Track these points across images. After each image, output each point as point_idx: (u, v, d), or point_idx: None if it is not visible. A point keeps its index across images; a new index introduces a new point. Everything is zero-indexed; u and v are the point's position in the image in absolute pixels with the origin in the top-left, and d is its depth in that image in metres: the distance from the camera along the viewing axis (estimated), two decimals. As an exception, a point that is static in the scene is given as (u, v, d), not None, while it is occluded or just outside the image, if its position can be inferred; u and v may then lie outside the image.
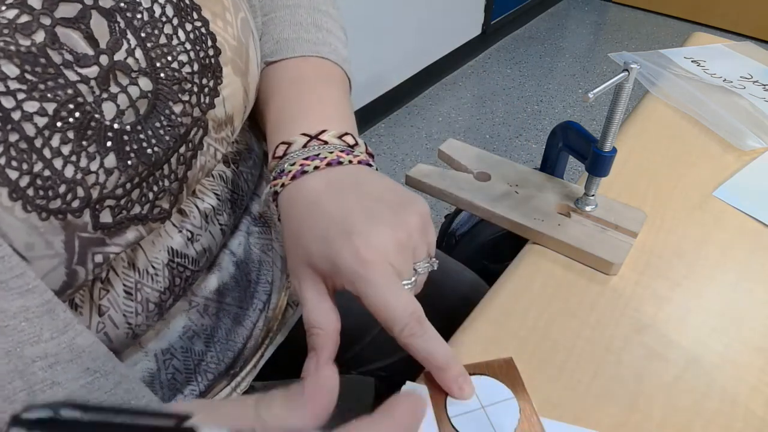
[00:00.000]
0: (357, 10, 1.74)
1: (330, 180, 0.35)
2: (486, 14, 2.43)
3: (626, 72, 0.38)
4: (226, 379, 0.47)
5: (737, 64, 0.71)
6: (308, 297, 0.34)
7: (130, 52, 0.30)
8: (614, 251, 0.43)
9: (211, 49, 0.35)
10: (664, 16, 2.87)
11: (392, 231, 0.33)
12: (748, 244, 0.46)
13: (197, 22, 0.34)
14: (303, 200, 0.35)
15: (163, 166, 0.33)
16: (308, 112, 0.40)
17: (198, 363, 0.42)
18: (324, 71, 0.44)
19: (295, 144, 0.37)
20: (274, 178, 0.37)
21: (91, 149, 0.28)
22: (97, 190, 0.28)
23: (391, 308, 0.31)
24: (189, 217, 0.38)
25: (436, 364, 0.32)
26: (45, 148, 0.26)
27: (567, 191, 0.48)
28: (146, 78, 0.31)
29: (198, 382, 0.42)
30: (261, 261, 0.48)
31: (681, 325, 0.39)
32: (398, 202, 0.35)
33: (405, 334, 0.31)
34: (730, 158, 0.55)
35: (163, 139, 0.32)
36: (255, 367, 0.50)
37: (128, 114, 0.30)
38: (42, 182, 0.26)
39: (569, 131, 0.47)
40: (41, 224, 0.26)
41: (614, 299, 0.41)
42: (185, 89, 0.33)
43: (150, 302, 0.35)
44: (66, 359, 0.27)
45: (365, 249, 0.31)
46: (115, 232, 0.30)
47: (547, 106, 2.16)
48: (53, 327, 0.26)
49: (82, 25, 0.28)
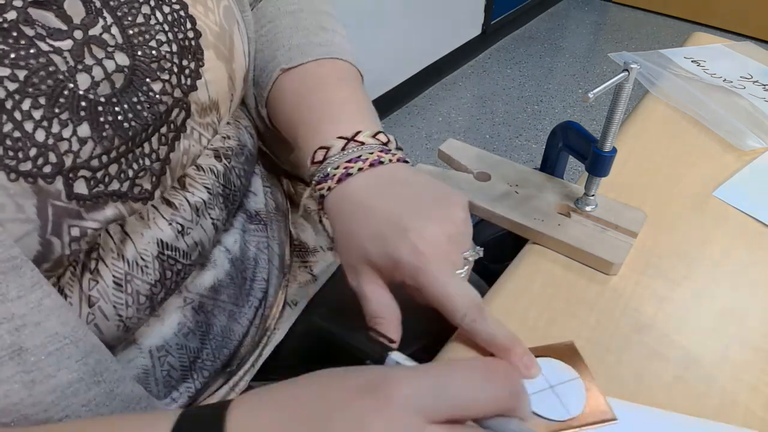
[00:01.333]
0: (357, 10, 1.74)
1: (374, 180, 0.38)
2: (486, 14, 2.43)
3: (626, 72, 0.38)
4: (223, 377, 0.47)
5: (737, 64, 0.71)
6: (368, 290, 0.36)
7: (105, 29, 0.31)
8: (614, 251, 0.43)
9: (190, 32, 0.36)
10: (664, 16, 2.87)
11: (442, 225, 0.35)
12: (748, 244, 0.46)
13: (175, 5, 0.35)
14: (352, 201, 0.37)
15: (143, 144, 0.33)
16: (338, 115, 0.42)
17: (194, 360, 0.42)
18: (341, 72, 0.46)
19: (333, 148, 0.39)
20: (318, 182, 0.39)
21: (63, 116, 0.28)
22: (71, 158, 0.29)
23: (451, 297, 0.34)
24: (179, 210, 0.38)
25: (500, 345, 0.34)
26: (15, 111, 0.27)
27: (567, 191, 0.48)
28: (123, 53, 0.32)
29: (194, 379, 0.42)
30: (257, 259, 0.48)
31: (681, 325, 0.39)
32: (440, 197, 0.38)
33: (467, 321, 0.34)
34: (730, 158, 0.55)
35: (140, 115, 0.33)
36: (253, 366, 0.50)
37: (103, 86, 0.31)
38: (12, 143, 0.26)
39: (569, 131, 0.47)
40: (10, 185, 0.27)
41: (614, 299, 0.41)
42: (164, 68, 0.34)
43: (141, 294, 0.35)
44: (33, 321, 0.27)
45: (422, 244, 0.34)
46: (92, 207, 0.31)
47: (547, 106, 2.16)
48: (20, 284, 0.26)
49: (55, 6, 0.29)
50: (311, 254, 0.59)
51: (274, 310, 0.51)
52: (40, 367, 0.27)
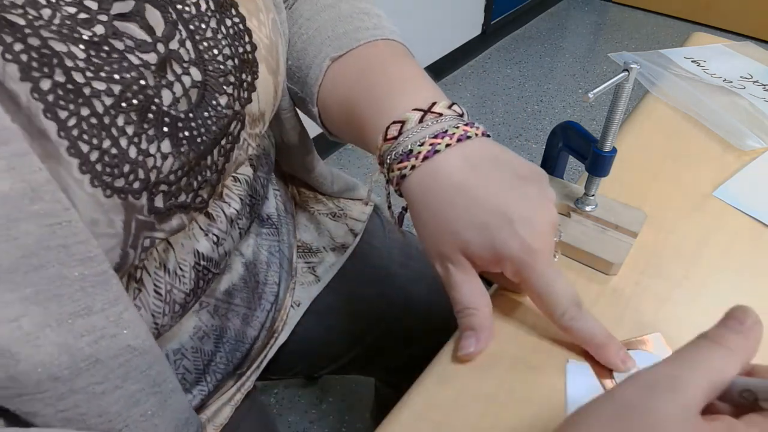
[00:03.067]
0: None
1: (465, 158, 0.35)
2: (486, 14, 2.43)
3: (626, 72, 0.38)
4: (233, 379, 0.48)
5: (737, 64, 0.71)
6: (460, 281, 0.35)
7: (181, 42, 0.31)
8: (614, 251, 0.43)
9: (248, 45, 0.35)
10: (664, 16, 2.87)
11: (545, 212, 0.34)
12: (748, 244, 0.46)
13: (235, 18, 0.35)
14: (444, 182, 0.34)
15: (207, 157, 0.33)
16: (406, 88, 0.38)
17: (208, 363, 0.42)
18: (396, 50, 0.43)
19: (409, 121, 0.35)
20: (398, 160, 0.35)
21: (150, 132, 0.28)
22: (155, 174, 0.29)
23: (554, 295, 0.33)
24: (216, 221, 0.38)
25: (597, 343, 0.34)
26: (112, 126, 0.27)
27: (567, 191, 0.48)
28: (196, 68, 0.32)
29: (207, 382, 0.43)
30: (269, 262, 0.48)
31: (681, 325, 0.39)
32: (532, 175, 0.35)
33: (566, 318, 0.34)
34: (730, 158, 0.55)
35: (210, 129, 0.33)
36: (259, 367, 0.50)
37: (182, 102, 0.31)
38: (109, 159, 0.27)
39: (569, 131, 0.47)
40: (105, 201, 0.27)
41: (614, 299, 0.41)
42: (230, 82, 0.34)
43: (176, 303, 0.36)
44: (110, 334, 0.27)
45: (531, 238, 0.33)
46: (163, 218, 0.31)
47: (547, 106, 2.16)
48: (105, 298, 0.27)
49: (138, 17, 0.29)
50: (314, 255, 0.59)
51: (283, 312, 0.52)
52: (110, 378, 0.28)
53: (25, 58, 0.24)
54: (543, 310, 0.35)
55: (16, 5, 0.24)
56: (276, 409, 1.18)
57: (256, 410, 0.52)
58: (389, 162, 0.36)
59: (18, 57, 0.24)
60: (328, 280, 0.57)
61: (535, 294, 0.34)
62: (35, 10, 0.25)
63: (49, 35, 0.25)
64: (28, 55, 0.24)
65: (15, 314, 0.24)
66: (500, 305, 0.40)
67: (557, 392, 0.34)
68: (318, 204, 0.60)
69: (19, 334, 0.24)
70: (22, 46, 0.24)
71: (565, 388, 0.34)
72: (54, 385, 0.25)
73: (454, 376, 0.35)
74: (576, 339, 0.35)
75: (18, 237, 0.23)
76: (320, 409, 1.17)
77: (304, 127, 0.53)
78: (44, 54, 0.24)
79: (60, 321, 0.25)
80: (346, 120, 0.42)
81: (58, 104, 0.25)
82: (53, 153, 0.25)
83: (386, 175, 0.37)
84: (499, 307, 0.39)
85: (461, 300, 0.35)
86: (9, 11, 0.24)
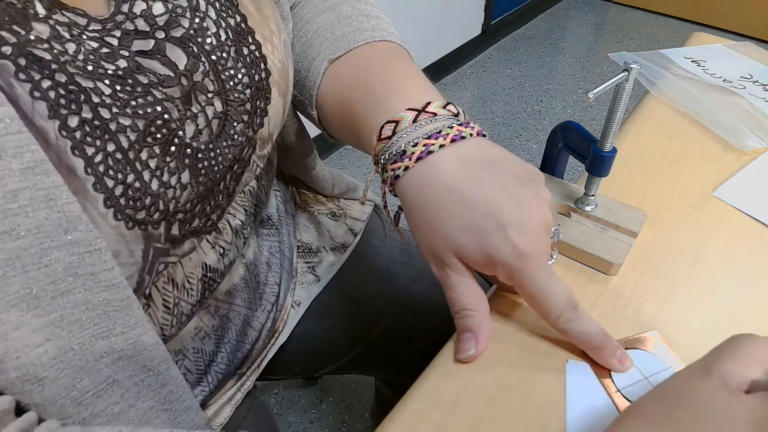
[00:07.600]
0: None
1: (459, 159, 0.34)
2: (486, 14, 2.43)
3: (626, 72, 0.38)
4: (234, 379, 0.48)
5: (737, 64, 0.71)
6: (457, 282, 0.35)
7: (205, 74, 0.31)
8: (614, 251, 0.43)
9: (263, 72, 0.35)
10: (664, 16, 2.87)
11: (539, 214, 0.33)
12: (748, 244, 0.46)
13: (252, 45, 0.35)
14: (437, 184, 0.34)
15: (220, 183, 0.33)
16: (402, 88, 0.38)
17: (209, 363, 0.42)
18: (393, 51, 0.43)
19: (404, 121, 0.35)
20: (392, 161, 0.35)
21: (172, 165, 0.29)
22: (173, 204, 0.29)
23: (548, 298, 0.33)
24: (222, 234, 0.39)
25: (593, 344, 0.34)
26: (137, 161, 0.27)
27: (567, 191, 0.48)
28: (219, 99, 0.32)
29: (208, 382, 0.43)
30: (269, 263, 0.48)
31: (681, 325, 0.39)
32: (527, 175, 0.35)
33: (561, 321, 0.33)
34: (730, 158, 0.55)
35: (227, 158, 0.33)
36: (259, 367, 0.50)
37: (204, 133, 0.31)
38: (133, 193, 0.27)
39: (569, 131, 0.47)
40: (127, 233, 0.27)
41: (614, 299, 0.41)
42: (247, 110, 0.34)
43: (183, 315, 0.37)
44: (128, 355, 0.28)
45: (523, 243, 0.32)
46: (177, 244, 0.31)
47: (547, 106, 2.16)
48: (126, 322, 0.27)
49: (159, 55, 0.29)
50: (314, 255, 0.59)
51: (283, 312, 0.52)
52: (126, 398, 0.28)
53: (53, 95, 0.24)
54: (539, 313, 0.35)
55: (41, 39, 0.24)
56: (276, 409, 1.18)
57: (257, 410, 0.52)
58: (383, 162, 0.36)
59: (46, 94, 0.24)
60: (328, 279, 0.57)
61: (528, 298, 0.34)
62: (60, 44, 0.25)
63: (75, 71, 0.25)
64: (56, 92, 0.24)
65: (41, 339, 0.24)
66: (499, 306, 0.40)
67: (557, 392, 0.34)
68: (318, 204, 0.60)
69: (45, 359, 0.24)
70: (50, 83, 0.24)
71: (565, 388, 0.34)
72: (77, 410, 0.26)
73: (455, 376, 0.35)
74: (572, 341, 0.35)
75: (49, 265, 0.24)
76: (320, 409, 1.17)
77: (304, 128, 0.53)
78: (71, 90, 0.25)
79: (82, 344, 0.26)
80: (343, 121, 0.41)
81: (86, 141, 0.25)
82: (80, 188, 0.25)
83: (381, 176, 0.37)
84: (499, 308, 0.40)
85: (457, 301, 0.35)
86: (35, 46, 0.24)
